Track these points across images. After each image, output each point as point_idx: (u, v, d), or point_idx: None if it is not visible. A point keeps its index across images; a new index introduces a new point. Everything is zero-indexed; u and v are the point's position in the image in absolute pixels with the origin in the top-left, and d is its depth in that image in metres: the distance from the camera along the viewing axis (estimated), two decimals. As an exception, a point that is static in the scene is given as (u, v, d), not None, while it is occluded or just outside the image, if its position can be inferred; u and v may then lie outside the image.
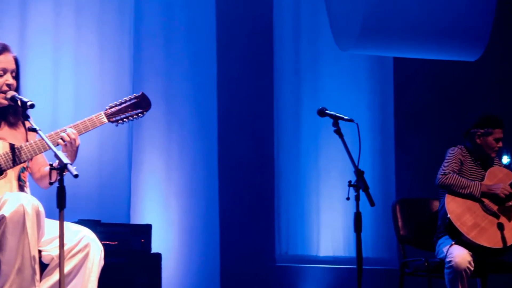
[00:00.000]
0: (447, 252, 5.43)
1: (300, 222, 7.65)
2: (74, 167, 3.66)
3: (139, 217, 6.87)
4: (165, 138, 7.13)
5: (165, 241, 6.82)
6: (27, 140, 4.19)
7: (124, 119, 4.30)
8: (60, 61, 6.72)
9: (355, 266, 4.45)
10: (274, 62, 7.70)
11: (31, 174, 4.28)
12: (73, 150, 4.10)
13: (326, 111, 4.63)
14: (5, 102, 4.10)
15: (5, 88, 4.09)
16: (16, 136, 4.19)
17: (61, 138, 4.08)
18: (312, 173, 7.68)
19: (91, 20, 6.87)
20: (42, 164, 4.26)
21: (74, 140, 4.11)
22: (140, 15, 7.10)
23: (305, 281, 7.50)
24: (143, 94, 4.36)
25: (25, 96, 4.16)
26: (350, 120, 4.55)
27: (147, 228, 6.10)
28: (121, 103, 4.31)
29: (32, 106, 3.99)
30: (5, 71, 4.11)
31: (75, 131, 4.12)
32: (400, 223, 5.96)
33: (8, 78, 4.11)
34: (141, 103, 4.34)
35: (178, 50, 7.24)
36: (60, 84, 6.71)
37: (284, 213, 7.66)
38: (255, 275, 7.32)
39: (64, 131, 4.11)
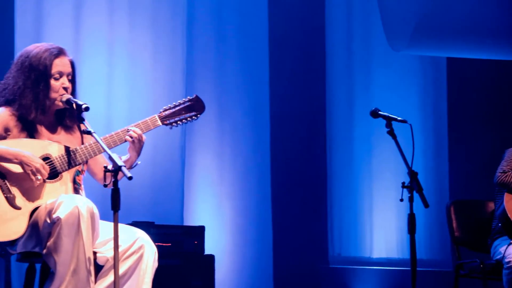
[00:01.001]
0: (505, 252, 5.34)
1: (353, 223, 7.62)
2: (137, 163, 3.67)
3: (192, 219, 6.90)
4: (217, 140, 7.15)
5: (218, 243, 6.84)
6: (82, 143, 4.24)
7: (178, 122, 4.31)
8: (113, 61, 6.78)
9: (408, 268, 4.41)
10: (326, 63, 7.68)
11: (92, 175, 4.32)
12: (140, 146, 4.15)
13: (379, 112, 4.60)
14: (61, 105, 4.15)
15: (61, 91, 4.13)
16: (72, 139, 4.24)
17: (127, 135, 4.13)
18: (365, 175, 7.64)
19: (145, 20, 6.92)
20: (103, 164, 4.29)
21: (141, 136, 4.15)
22: (192, 15, 7.14)
23: (358, 283, 7.47)
24: (197, 97, 4.37)
25: (79, 98, 4.22)
26: (404, 121, 4.51)
27: (200, 229, 6.11)
28: (175, 106, 4.32)
29: (87, 109, 4.03)
30: (61, 74, 4.16)
31: (139, 130, 4.16)
32: (454, 225, 5.90)
33: (64, 81, 4.15)
34: (195, 106, 4.35)
35: (230, 52, 7.25)
36: (114, 85, 6.77)
37: (337, 215, 7.63)
38: (308, 276, 7.31)
39: (128, 128, 4.15)
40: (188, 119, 4.33)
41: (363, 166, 7.64)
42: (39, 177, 3.96)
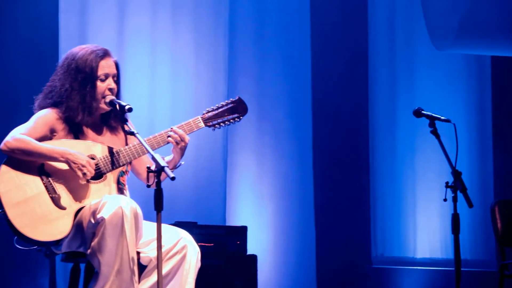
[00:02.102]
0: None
1: (396, 223, 7.58)
2: (180, 163, 3.67)
3: (234, 219, 6.91)
4: (259, 140, 7.16)
5: (260, 243, 6.84)
6: (126, 144, 4.27)
7: (221, 124, 4.32)
8: (156, 61, 6.81)
9: (453, 268, 4.38)
10: (369, 63, 7.64)
11: (137, 174, 4.36)
12: (182, 147, 4.17)
13: (422, 112, 4.57)
14: (105, 108, 4.19)
15: (107, 93, 4.17)
16: (116, 139, 4.27)
17: (170, 136, 4.15)
18: (408, 174, 7.59)
19: (187, 20, 6.94)
20: (147, 164, 4.32)
21: (183, 136, 4.17)
22: (234, 15, 7.15)
23: (402, 283, 7.42)
24: (240, 98, 4.37)
25: (123, 97, 4.25)
26: (447, 121, 4.48)
27: (243, 230, 6.12)
28: (218, 108, 4.33)
29: (130, 110, 4.06)
30: (107, 76, 4.19)
31: (180, 131, 4.18)
32: (499, 225, 5.84)
33: (110, 83, 4.19)
34: (238, 108, 4.35)
35: (272, 51, 7.25)
36: (157, 84, 6.80)
37: (380, 215, 7.60)
38: (351, 277, 7.29)
39: (171, 130, 4.17)
40: (231, 120, 4.33)
41: (406, 166, 7.60)
42: (86, 173, 4.00)
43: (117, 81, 4.24)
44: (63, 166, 4.03)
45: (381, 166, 7.64)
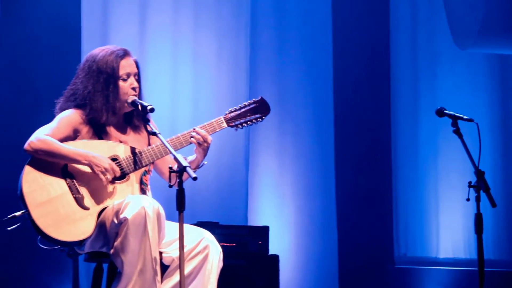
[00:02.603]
0: None
1: (419, 223, 7.55)
2: (203, 163, 3.67)
3: (256, 219, 6.91)
4: (280, 140, 7.15)
5: (282, 243, 6.84)
6: (149, 144, 4.29)
7: (243, 124, 4.32)
8: (178, 60, 6.82)
9: (476, 269, 4.36)
10: (391, 62, 7.62)
11: (160, 174, 4.37)
12: (205, 147, 4.18)
13: (445, 111, 4.56)
14: (128, 108, 4.21)
15: (131, 92, 4.19)
16: (140, 139, 4.29)
17: (192, 137, 4.16)
18: (430, 174, 7.57)
19: (209, 20, 6.95)
20: (171, 164, 4.33)
21: (205, 137, 4.18)
22: (255, 15, 7.15)
23: (425, 283, 7.39)
24: (262, 98, 4.37)
25: (145, 96, 4.27)
26: (470, 120, 4.46)
27: (265, 230, 6.12)
28: (240, 108, 4.33)
29: (152, 110, 4.08)
30: (128, 75, 4.21)
31: (203, 131, 4.19)
32: (523, 225, 5.81)
33: (133, 82, 4.21)
34: (260, 108, 4.35)
35: (293, 51, 7.25)
36: (178, 84, 6.81)
37: (402, 214, 7.58)
38: (373, 277, 7.27)
39: (194, 130, 4.18)
40: (254, 121, 4.33)
41: (429, 166, 7.57)
42: (109, 176, 4.02)
43: (138, 80, 4.26)
44: (86, 167, 4.05)
45: (404, 165, 7.61)
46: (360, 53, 7.51)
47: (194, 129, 4.20)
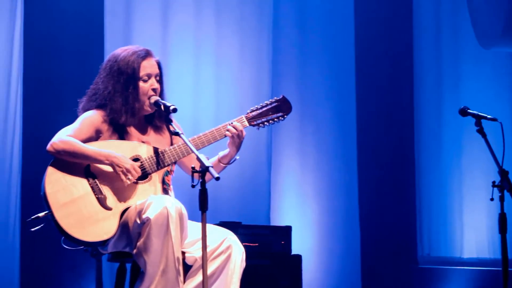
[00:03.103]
0: None
1: (442, 223, 7.51)
2: (235, 158, 3.68)
3: (278, 219, 6.91)
4: (302, 140, 7.14)
5: (305, 243, 6.83)
6: (171, 144, 4.30)
7: (265, 123, 4.32)
8: (200, 60, 6.82)
9: (500, 268, 4.33)
10: (413, 61, 7.58)
11: (187, 171, 4.36)
12: (239, 142, 4.19)
13: (468, 111, 4.53)
14: (150, 110, 4.21)
15: (151, 93, 4.19)
16: (161, 139, 4.30)
17: (228, 130, 4.17)
18: (454, 173, 7.52)
19: (231, 20, 6.94)
20: (194, 163, 4.34)
21: (241, 131, 4.18)
22: (277, 15, 7.13)
23: (449, 283, 7.36)
24: (284, 97, 4.37)
25: (167, 97, 4.27)
26: (494, 119, 4.43)
27: (287, 230, 6.11)
28: (262, 107, 4.33)
29: (174, 110, 4.08)
30: (149, 76, 4.22)
31: (240, 124, 4.19)
32: (547, 225, 5.76)
33: (153, 83, 4.22)
34: (282, 107, 4.35)
35: (315, 51, 7.23)
36: (201, 84, 6.81)
37: (426, 214, 7.54)
38: (397, 277, 7.24)
39: (231, 124, 4.18)
40: (275, 119, 4.33)
41: (453, 165, 7.53)
42: (130, 177, 4.03)
43: (160, 81, 4.27)
44: (109, 168, 4.06)
45: (427, 165, 7.58)
46: (383, 52, 7.48)
47: (231, 123, 4.21)
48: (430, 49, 7.65)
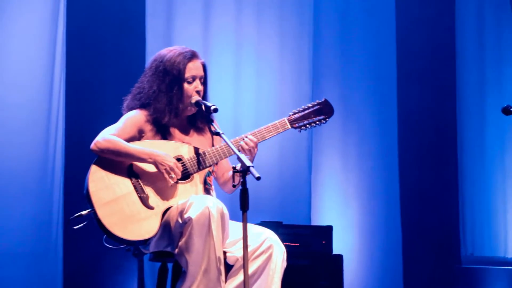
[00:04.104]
0: None
1: (486, 222, 7.46)
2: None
3: (319, 219, 6.90)
4: (343, 140, 7.12)
5: (346, 243, 6.81)
6: (213, 145, 4.31)
7: (307, 125, 4.32)
8: (241, 61, 6.83)
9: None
10: (456, 60, 7.53)
11: (216, 178, 4.38)
12: (251, 157, 4.19)
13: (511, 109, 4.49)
14: (192, 110, 4.23)
15: (194, 95, 4.21)
16: (203, 140, 4.31)
17: (241, 146, 4.17)
18: (497, 172, 7.47)
19: (272, 20, 6.95)
20: (226, 169, 4.36)
21: (253, 148, 4.18)
22: (318, 15, 7.12)
23: (492, 283, 7.30)
24: (326, 100, 4.37)
25: (210, 98, 4.28)
26: (538, 118, 4.39)
27: (328, 229, 6.10)
28: (304, 109, 4.33)
29: (215, 110, 4.09)
30: (194, 78, 4.23)
31: (254, 139, 4.18)
32: None
33: (198, 85, 4.23)
34: (324, 110, 4.35)
35: (356, 51, 7.21)
36: (241, 84, 6.83)
37: (469, 213, 7.49)
38: (439, 277, 7.20)
39: (243, 139, 4.19)
40: (317, 122, 4.33)
41: (496, 164, 7.47)
42: (173, 175, 4.04)
43: (204, 83, 4.28)
44: (151, 167, 4.08)
45: (470, 164, 7.53)
46: (424, 51, 7.44)
47: (244, 136, 4.20)
48: (473, 48, 7.59)
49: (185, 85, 4.20)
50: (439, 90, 7.47)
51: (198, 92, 4.22)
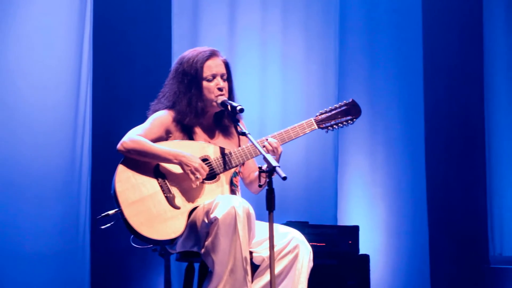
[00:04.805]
0: None
1: (514, 222, 7.42)
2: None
3: (345, 219, 6.88)
4: (370, 139, 7.10)
5: (372, 243, 6.79)
6: (239, 145, 4.31)
7: (334, 126, 4.31)
8: (267, 60, 6.82)
9: None
10: (484, 61, 7.48)
11: (242, 179, 4.39)
12: (276, 158, 4.18)
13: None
14: (217, 108, 4.24)
15: (217, 92, 4.22)
16: (229, 142, 4.32)
17: (264, 147, 4.17)
18: (527, 170, 7.43)
19: (297, 19, 6.94)
20: (252, 169, 4.36)
21: (276, 149, 4.18)
22: (344, 15, 7.10)
23: (521, 284, 7.26)
24: (353, 101, 4.36)
25: (235, 96, 4.29)
26: None
27: (355, 229, 6.08)
28: (331, 110, 4.32)
29: (241, 110, 4.10)
30: (214, 76, 4.24)
31: (276, 141, 4.18)
32: None
33: (219, 82, 4.23)
34: (351, 110, 4.34)
35: (383, 51, 7.18)
36: (267, 84, 6.82)
37: (497, 212, 7.44)
38: (467, 277, 7.15)
39: (266, 140, 4.18)
40: (344, 123, 4.32)
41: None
42: (198, 176, 4.06)
43: (228, 80, 4.28)
44: (177, 167, 4.10)
45: (498, 163, 7.48)
46: (451, 51, 7.40)
47: (267, 138, 4.20)
48: (501, 47, 7.54)
49: (204, 83, 4.21)
50: (466, 88, 7.43)
51: (220, 89, 4.22)
